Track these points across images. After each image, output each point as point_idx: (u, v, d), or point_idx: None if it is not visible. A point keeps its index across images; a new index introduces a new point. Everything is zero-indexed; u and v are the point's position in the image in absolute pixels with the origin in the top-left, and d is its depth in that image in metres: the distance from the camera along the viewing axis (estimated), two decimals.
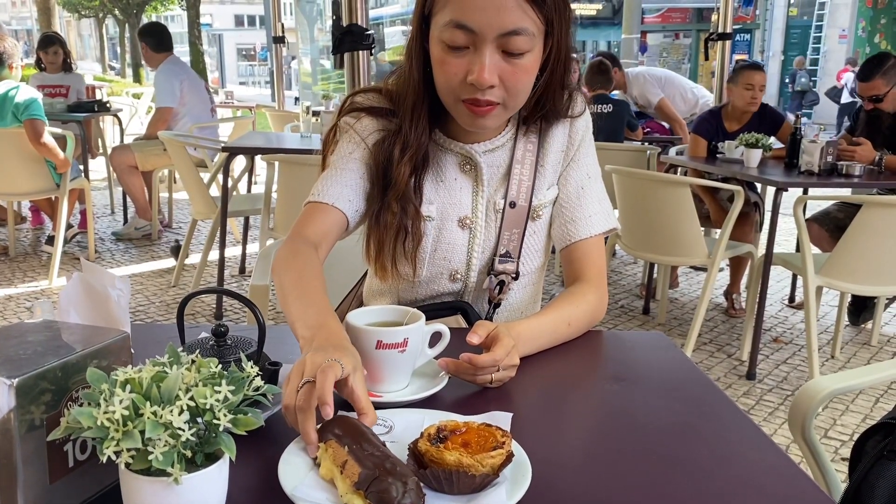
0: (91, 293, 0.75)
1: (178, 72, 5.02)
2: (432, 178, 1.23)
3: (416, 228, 1.20)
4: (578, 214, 1.24)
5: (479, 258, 1.25)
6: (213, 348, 0.90)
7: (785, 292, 4.33)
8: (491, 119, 1.12)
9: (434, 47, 1.09)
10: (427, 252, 1.23)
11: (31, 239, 5.30)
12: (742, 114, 3.91)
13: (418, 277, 1.24)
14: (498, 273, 1.24)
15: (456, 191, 1.23)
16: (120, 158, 5.08)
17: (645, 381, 1.05)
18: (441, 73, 1.09)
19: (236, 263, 4.63)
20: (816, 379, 1.16)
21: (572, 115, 1.25)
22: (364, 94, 1.25)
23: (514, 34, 1.04)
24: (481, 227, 1.24)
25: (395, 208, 1.18)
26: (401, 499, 0.66)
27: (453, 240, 1.24)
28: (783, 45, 18.13)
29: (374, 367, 0.94)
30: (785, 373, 3.25)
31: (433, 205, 1.22)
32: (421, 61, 1.14)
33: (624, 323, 3.86)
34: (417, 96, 1.16)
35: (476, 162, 1.22)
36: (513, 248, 1.24)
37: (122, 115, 6.32)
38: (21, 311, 3.80)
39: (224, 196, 3.72)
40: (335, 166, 1.21)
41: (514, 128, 1.24)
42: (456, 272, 1.25)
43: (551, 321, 1.12)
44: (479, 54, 1.05)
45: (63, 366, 0.65)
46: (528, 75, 1.10)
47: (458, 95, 1.09)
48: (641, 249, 3.43)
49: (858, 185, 3.42)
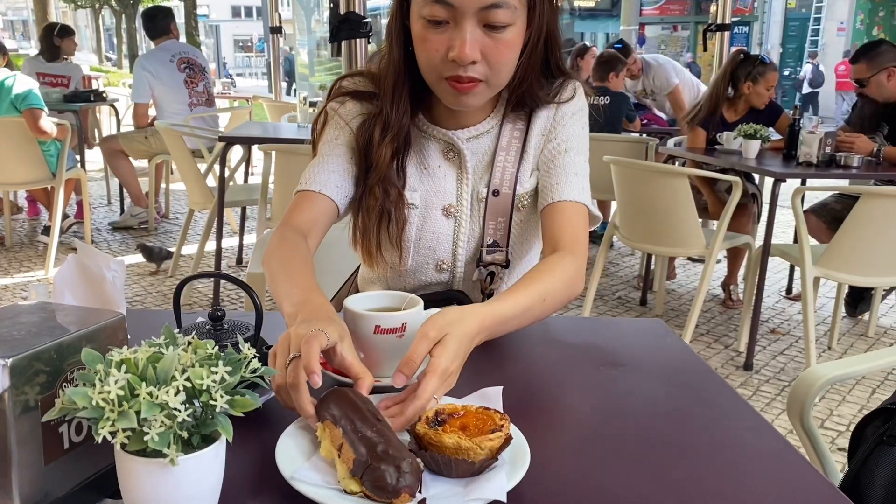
0: (86, 275, 0.74)
1: (147, 67, 4.91)
2: (416, 164, 1.21)
3: (399, 212, 1.18)
4: (553, 180, 1.18)
5: (464, 248, 1.22)
6: (209, 332, 0.89)
7: (782, 284, 4.33)
8: (474, 97, 1.10)
9: (415, 25, 1.07)
10: (411, 240, 1.22)
11: (27, 229, 5.28)
12: (743, 105, 3.90)
13: (404, 266, 1.23)
14: (487, 264, 1.22)
15: (440, 178, 1.21)
16: (107, 145, 5.18)
17: (643, 367, 1.05)
18: (422, 50, 1.07)
19: (233, 254, 4.62)
20: (815, 366, 1.16)
21: (559, 101, 1.20)
22: (351, 79, 1.24)
23: (494, 7, 1.01)
24: (466, 216, 1.22)
25: (377, 192, 1.17)
26: (395, 484, 0.66)
27: (438, 229, 1.22)
28: (781, 38, 18.11)
29: (372, 352, 0.93)
30: (782, 364, 3.26)
31: (416, 192, 1.21)
32: (401, 40, 1.12)
33: (621, 314, 3.86)
34: (398, 76, 1.14)
35: (459, 149, 1.20)
36: (500, 237, 1.22)
37: (118, 106, 6.29)
38: (17, 301, 3.79)
39: (221, 186, 3.71)
40: (321, 153, 1.20)
41: (500, 114, 1.21)
42: (442, 262, 1.24)
43: (524, 300, 0.99)
44: (460, 29, 1.03)
45: (57, 346, 0.65)
46: (511, 50, 1.07)
47: (440, 73, 1.07)
48: (639, 240, 3.43)
49: (856, 175, 3.42)
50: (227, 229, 4.87)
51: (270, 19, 6.60)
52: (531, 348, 1.11)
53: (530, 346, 1.12)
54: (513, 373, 1.02)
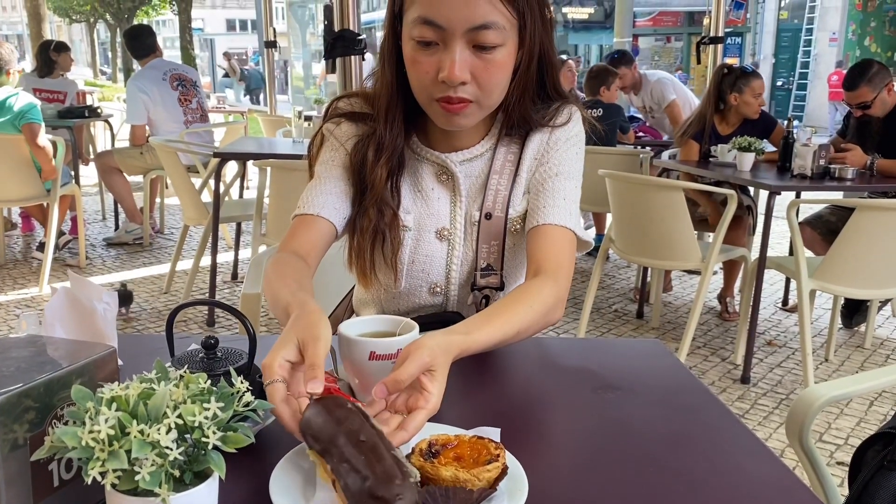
0: (77, 307, 0.73)
1: (141, 87, 4.89)
2: (410, 186, 1.21)
3: (394, 234, 1.18)
4: (541, 202, 1.16)
5: (458, 271, 1.22)
6: (202, 361, 0.88)
7: (778, 295, 4.33)
8: (465, 118, 1.09)
9: (406, 46, 1.07)
10: (405, 262, 1.21)
11: (21, 246, 5.26)
12: (735, 117, 3.92)
13: (398, 287, 1.22)
14: (481, 287, 1.21)
15: (433, 201, 1.20)
16: (102, 161, 5.16)
17: (641, 389, 1.04)
18: (413, 72, 1.07)
19: (228, 269, 4.61)
20: (813, 386, 1.16)
21: (553, 125, 1.19)
22: (346, 99, 1.24)
23: (483, 28, 1.01)
24: (460, 239, 1.21)
25: (371, 213, 1.16)
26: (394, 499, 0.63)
27: (431, 252, 1.21)
28: (774, 49, 18.20)
29: (366, 378, 0.92)
30: (779, 376, 3.25)
31: (410, 214, 1.20)
32: (394, 62, 1.12)
33: (618, 327, 3.86)
34: (391, 98, 1.14)
35: (452, 172, 1.19)
36: (493, 260, 1.20)
37: (112, 121, 6.29)
38: (11, 319, 3.77)
39: (216, 202, 3.70)
40: (318, 175, 1.20)
41: (494, 138, 1.20)
42: (435, 285, 1.23)
43: (499, 332, 0.96)
44: (449, 50, 1.02)
45: (47, 382, 0.64)
46: (502, 71, 1.07)
47: (431, 94, 1.07)
48: (635, 254, 3.43)
49: (850, 188, 3.43)
50: (222, 244, 4.86)
51: (265, 34, 6.60)
52: (527, 371, 1.11)
53: (526, 369, 1.11)
54: (508, 397, 1.01)
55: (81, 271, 4.61)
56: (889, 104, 3.53)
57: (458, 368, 1.03)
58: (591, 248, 1.22)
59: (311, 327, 0.83)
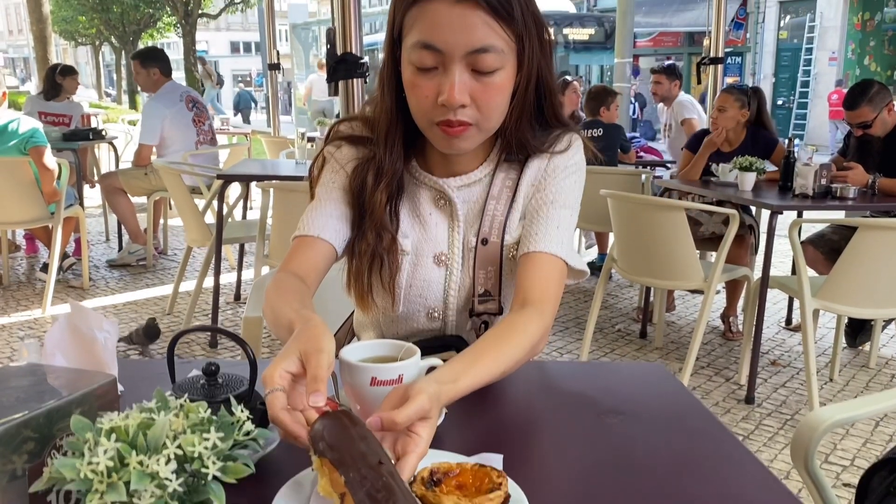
0: (77, 335, 0.73)
1: (162, 109, 4.92)
2: (408, 211, 1.21)
3: (392, 258, 1.17)
4: (534, 229, 1.15)
5: (455, 297, 1.21)
6: (203, 388, 0.88)
7: (781, 314, 4.32)
8: (465, 141, 1.09)
9: (405, 71, 1.08)
10: (402, 287, 1.20)
11: (25, 267, 5.27)
12: (734, 136, 3.94)
13: (395, 312, 1.22)
14: (480, 314, 1.20)
15: (431, 226, 1.20)
16: (107, 181, 5.17)
17: (644, 414, 1.04)
18: (413, 96, 1.08)
19: (231, 290, 4.61)
20: (817, 410, 1.15)
21: (552, 151, 1.18)
22: (348, 123, 1.24)
23: (482, 52, 1.02)
24: (457, 265, 1.20)
25: (370, 237, 1.16)
26: None
27: (429, 277, 1.21)
28: (774, 68, 18.27)
29: (368, 404, 0.92)
30: (784, 396, 3.23)
31: (408, 239, 1.20)
32: (393, 87, 1.12)
33: (621, 347, 3.84)
34: (390, 122, 1.14)
35: (450, 197, 1.19)
36: (491, 286, 1.20)
37: (117, 143, 6.33)
38: (13, 341, 3.77)
39: (219, 223, 3.71)
40: (319, 197, 1.20)
41: (493, 163, 1.20)
42: (433, 310, 1.22)
43: (484, 374, 0.94)
44: (448, 74, 1.03)
45: (47, 413, 0.64)
46: (501, 94, 1.07)
47: (431, 118, 1.07)
48: (637, 274, 3.42)
49: (852, 207, 3.43)
50: (225, 265, 4.87)
51: (269, 56, 6.65)
52: (530, 396, 1.10)
53: (529, 393, 1.11)
54: (510, 423, 1.01)
55: (85, 293, 4.61)
56: (889, 124, 3.54)
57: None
58: (586, 276, 1.20)
59: (313, 339, 0.83)
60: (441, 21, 1.01)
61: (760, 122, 4.02)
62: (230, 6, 22.30)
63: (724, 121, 3.89)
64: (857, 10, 16.42)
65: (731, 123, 3.90)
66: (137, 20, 24.02)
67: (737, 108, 3.88)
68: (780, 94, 18.11)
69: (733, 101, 3.90)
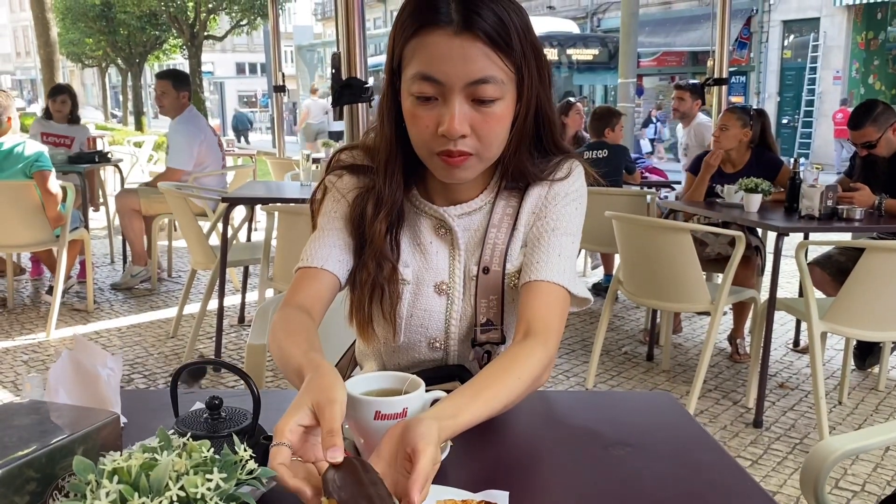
0: (81, 372, 0.73)
1: (198, 133, 4.93)
2: (409, 240, 1.21)
3: (392, 287, 1.17)
4: (536, 258, 1.15)
5: (457, 326, 1.20)
6: (206, 422, 0.88)
7: (789, 336, 4.29)
8: (465, 170, 1.09)
9: (405, 102, 1.08)
10: (402, 316, 1.20)
11: (29, 290, 5.28)
12: (738, 157, 3.94)
13: (396, 342, 1.21)
14: (482, 343, 1.19)
15: (432, 255, 1.20)
16: (124, 201, 5.10)
17: (652, 446, 1.02)
18: (413, 126, 1.08)
19: (235, 312, 4.60)
20: (827, 439, 1.14)
21: (552, 179, 1.18)
22: (349, 152, 1.24)
23: (481, 82, 1.02)
24: (458, 294, 1.19)
25: (370, 266, 1.16)
26: None
27: (430, 306, 1.20)
28: (778, 87, 18.34)
29: (372, 438, 0.91)
30: (792, 420, 3.20)
31: (409, 268, 1.19)
32: (393, 118, 1.13)
33: (627, 370, 3.82)
34: (390, 152, 1.14)
35: (450, 226, 1.19)
36: (493, 315, 1.19)
37: (122, 165, 6.36)
38: (17, 365, 3.76)
39: (223, 246, 3.71)
40: (321, 228, 1.20)
41: (493, 192, 1.20)
42: (434, 340, 1.21)
43: (485, 409, 0.93)
44: (449, 105, 1.03)
45: (49, 453, 0.63)
46: (500, 124, 1.08)
47: (431, 149, 1.07)
48: (643, 296, 3.41)
49: (859, 229, 3.42)
50: (230, 287, 4.86)
51: (274, 78, 6.71)
52: (535, 428, 1.09)
53: (534, 425, 1.10)
54: (516, 457, 1.00)
55: (89, 315, 4.62)
56: (894, 144, 3.54)
57: None
58: (590, 304, 1.19)
59: (326, 390, 0.82)
60: (441, 53, 1.02)
61: (765, 143, 4.03)
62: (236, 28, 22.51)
63: (727, 140, 3.89)
64: (861, 30, 16.50)
65: (734, 143, 3.90)
66: (144, 42, 24.25)
67: (739, 127, 3.88)
68: (785, 112, 18.15)
69: (735, 119, 3.90)
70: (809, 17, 17.21)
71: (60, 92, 5.77)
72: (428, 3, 1.03)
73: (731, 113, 3.96)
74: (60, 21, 21.08)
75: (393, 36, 1.09)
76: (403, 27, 1.06)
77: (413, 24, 1.04)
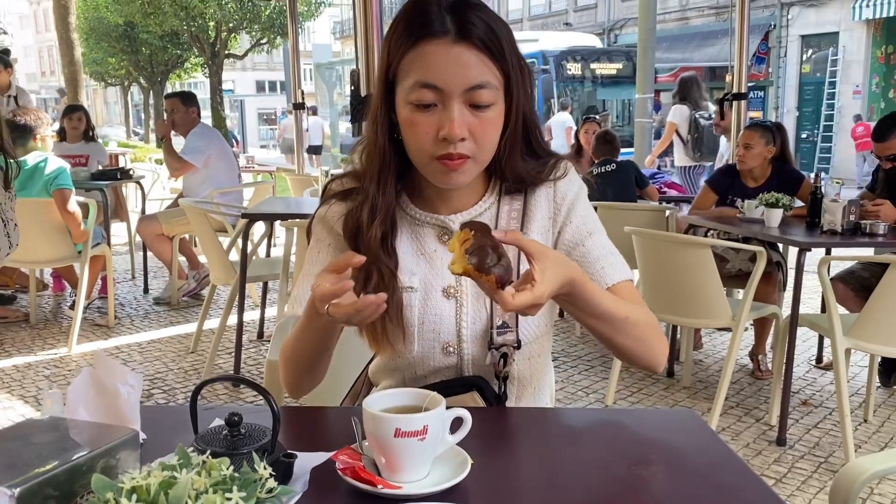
0: (100, 389, 0.72)
1: (214, 139, 5.17)
2: (413, 250, 1.23)
3: (394, 293, 1.19)
4: (595, 267, 1.21)
5: (469, 328, 1.21)
6: (226, 438, 0.87)
7: (811, 352, 4.23)
8: (463, 174, 1.14)
9: (403, 111, 1.12)
10: (415, 324, 1.21)
11: (52, 305, 5.33)
12: (760, 172, 3.90)
13: (410, 351, 1.22)
14: (499, 346, 1.20)
15: (437, 261, 1.23)
16: (147, 229, 5.16)
17: (676, 465, 1.01)
18: (413, 133, 1.12)
19: (255, 328, 4.62)
20: (855, 460, 1.11)
21: (554, 178, 1.24)
22: (339, 180, 1.27)
23: (478, 88, 1.09)
24: (468, 296, 1.22)
25: (371, 276, 1.17)
26: (491, 266, 0.92)
27: (440, 311, 1.22)
28: (797, 102, 18.20)
29: (392, 456, 0.90)
30: (817, 438, 3.15)
31: (416, 275, 1.22)
32: (386, 129, 1.16)
33: (648, 387, 3.78)
34: (383, 160, 1.17)
35: (452, 231, 1.22)
36: (509, 317, 1.21)
37: (144, 182, 6.42)
38: (39, 380, 3.79)
39: (243, 262, 3.73)
40: (309, 273, 1.25)
41: (493, 196, 1.25)
42: (448, 344, 1.22)
43: (610, 300, 1.11)
44: (448, 110, 1.09)
45: (69, 470, 0.63)
46: (495, 128, 1.13)
47: (432, 154, 1.11)
48: (663, 311, 3.37)
49: (883, 244, 3.37)
50: (249, 302, 4.88)
51: (294, 96, 6.75)
52: (559, 445, 1.08)
53: (558, 442, 1.08)
54: (538, 476, 0.98)
55: (110, 331, 4.65)
56: None
57: (486, 445, 1.00)
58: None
59: None
60: (439, 61, 1.08)
61: (783, 157, 3.99)
62: (256, 47, 22.77)
63: (752, 159, 3.84)
64: (881, 44, 16.37)
65: (759, 161, 3.85)
66: (165, 61, 24.60)
67: (762, 145, 3.84)
68: (805, 127, 18.01)
69: (759, 137, 3.85)
70: (828, 31, 17.11)
71: (75, 110, 5.89)
72: (423, 17, 1.10)
73: (754, 131, 3.91)
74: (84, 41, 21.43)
75: (388, 50, 1.14)
76: (399, 41, 1.11)
77: (410, 37, 1.10)
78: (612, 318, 1.11)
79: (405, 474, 0.91)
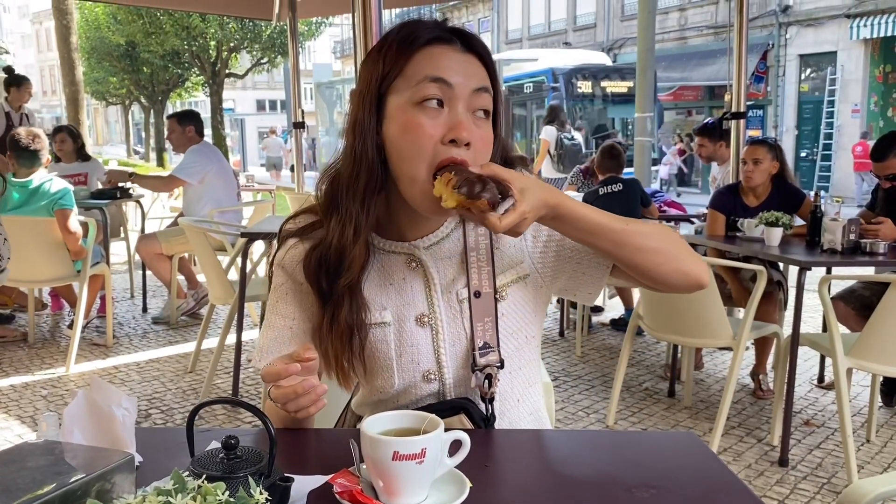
0: (96, 412, 0.72)
1: (212, 157, 5.20)
2: (381, 283, 1.19)
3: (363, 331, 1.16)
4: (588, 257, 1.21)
5: (448, 353, 1.19)
6: (222, 462, 0.86)
7: (813, 372, 4.21)
8: None
9: (401, 117, 1.09)
10: (392, 358, 1.18)
11: (50, 325, 5.32)
12: (762, 189, 3.89)
13: (392, 388, 1.20)
14: (483, 367, 1.18)
15: (407, 290, 1.19)
16: (147, 248, 5.16)
17: (677, 489, 0.99)
18: (413, 137, 1.07)
19: (253, 347, 4.59)
20: (858, 482, 1.10)
21: None
22: (292, 220, 1.24)
23: (483, 90, 1.11)
24: (443, 321, 1.19)
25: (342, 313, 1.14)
26: (480, 192, 0.96)
27: (416, 340, 1.19)
28: (796, 121, 18.28)
29: (390, 479, 0.89)
30: (819, 458, 3.13)
31: (387, 309, 1.18)
32: (374, 142, 1.11)
33: (649, 406, 3.76)
34: (371, 175, 1.11)
35: (420, 258, 1.19)
36: (489, 337, 1.19)
37: (143, 201, 6.42)
38: (37, 400, 3.77)
39: (242, 281, 3.72)
40: (271, 324, 1.21)
41: (458, 218, 1.20)
42: (429, 372, 1.20)
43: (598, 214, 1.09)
44: (455, 112, 1.08)
45: (63, 495, 0.62)
46: (489, 143, 1.13)
47: (433, 158, 1.07)
48: (664, 331, 3.37)
49: (883, 263, 3.36)
50: (248, 322, 4.87)
51: (294, 115, 6.78)
52: (558, 468, 1.07)
53: (556, 467, 1.07)
54: (536, 498, 0.97)
55: (108, 350, 4.63)
56: None
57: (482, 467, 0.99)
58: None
59: None
60: (450, 62, 1.10)
61: (783, 174, 3.98)
62: (257, 66, 22.91)
63: (759, 174, 3.81)
64: (879, 63, 16.47)
65: (766, 177, 3.82)
66: (166, 80, 24.75)
67: (769, 160, 3.80)
68: (804, 146, 18.08)
69: (766, 152, 3.80)
70: (826, 50, 17.22)
71: (59, 131, 5.82)
72: (427, 27, 1.11)
73: (761, 146, 3.88)
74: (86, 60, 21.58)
75: (381, 62, 1.11)
76: (400, 49, 1.10)
77: (414, 43, 1.10)
78: (609, 230, 1.09)
79: (403, 498, 0.90)
